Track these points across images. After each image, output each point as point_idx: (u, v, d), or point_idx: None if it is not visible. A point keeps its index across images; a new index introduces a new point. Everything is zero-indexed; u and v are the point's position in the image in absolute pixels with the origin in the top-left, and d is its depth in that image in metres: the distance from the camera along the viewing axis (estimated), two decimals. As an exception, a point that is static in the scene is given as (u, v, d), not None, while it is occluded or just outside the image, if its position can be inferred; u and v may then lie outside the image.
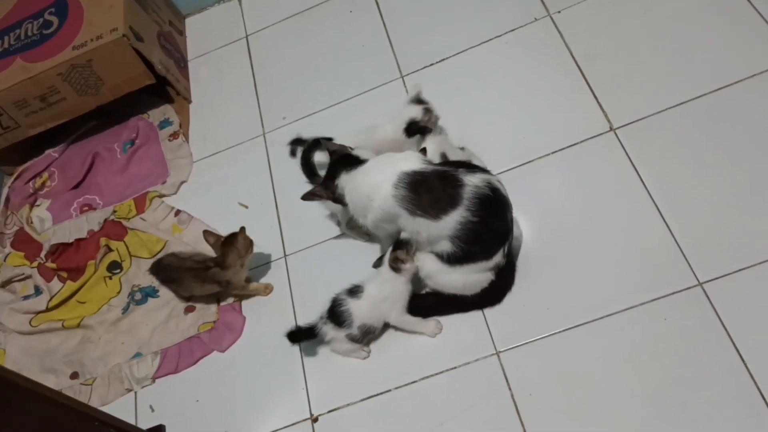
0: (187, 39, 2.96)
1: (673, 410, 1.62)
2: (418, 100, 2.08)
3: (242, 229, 2.02)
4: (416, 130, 2.03)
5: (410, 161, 1.72)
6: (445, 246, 1.71)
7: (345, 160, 1.83)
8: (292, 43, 2.73)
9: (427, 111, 2.04)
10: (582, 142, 2.07)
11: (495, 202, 1.67)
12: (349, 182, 1.79)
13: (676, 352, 1.68)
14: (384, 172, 1.72)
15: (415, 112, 2.03)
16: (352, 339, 1.83)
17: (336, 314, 1.81)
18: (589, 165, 2.03)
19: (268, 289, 2.13)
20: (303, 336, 1.91)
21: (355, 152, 1.86)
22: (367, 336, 1.86)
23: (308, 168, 2.20)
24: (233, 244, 2.00)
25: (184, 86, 2.73)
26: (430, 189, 1.67)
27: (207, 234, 2.05)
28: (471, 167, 1.72)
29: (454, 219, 1.65)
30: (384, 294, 1.80)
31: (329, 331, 1.83)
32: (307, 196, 1.88)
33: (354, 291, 1.82)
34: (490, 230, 1.70)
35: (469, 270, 1.77)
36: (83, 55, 2.40)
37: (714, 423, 1.58)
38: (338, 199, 1.84)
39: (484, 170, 1.74)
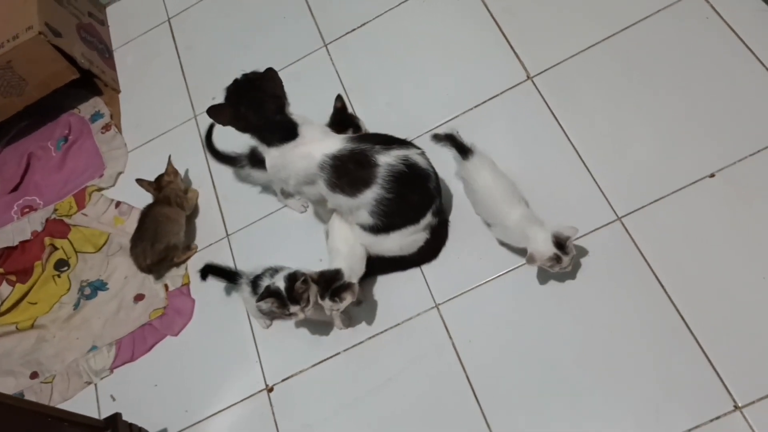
0: (109, 28, 2.92)
1: (602, 342, 1.71)
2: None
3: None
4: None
5: (330, 142, 1.78)
6: (367, 219, 1.79)
7: (286, 128, 1.78)
8: (215, 21, 2.73)
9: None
10: (502, 94, 2.13)
11: (411, 176, 1.75)
12: (272, 152, 1.80)
13: (601, 287, 1.77)
14: (314, 151, 1.76)
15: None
16: (260, 310, 1.89)
17: (255, 284, 1.87)
18: (510, 115, 2.09)
19: (194, 193, 2.33)
20: (218, 274, 2.01)
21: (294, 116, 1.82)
22: (272, 314, 1.89)
23: (213, 149, 2.29)
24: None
25: (111, 77, 2.71)
26: (347, 172, 1.75)
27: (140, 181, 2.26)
28: (389, 143, 1.77)
29: (369, 196, 1.74)
30: None
31: (245, 290, 1.91)
32: (211, 111, 1.79)
33: (274, 271, 1.86)
34: (407, 203, 1.79)
35: (401, 234, 1.84)
36: (2, 57, 2.38)
37: (640, 350, 1.68)
38: (238, 128, 1.81)
39: (403, 144, 1.80)
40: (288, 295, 1.72)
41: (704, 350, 1.61)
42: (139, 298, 2.21)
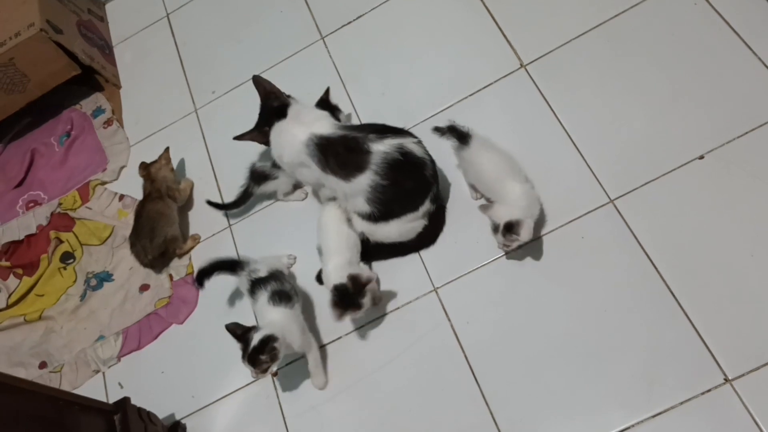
0: (109, 25, 2.96)
1: (596, 320, 1.76)
2: None
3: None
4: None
5: (321, 124, 1.85)
6: (364, 206, 1.84)
7: (278, 109, 1.93)
8: (213, 16, 2.77)
9: None
10: (496, 82, 2.18)
11: (406, 164, 1.80)
12: (272, 133, 1.93)
13: (594, 268, 1.82)
14: (299, 128, 1.86)
15: None
16: None
17: (254, 285, 1.89)
18: (505, 103, 2.14)
19: (188, 183, 2.38)
20: (214, 270, 2.00)
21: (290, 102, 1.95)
22: None
23: (229, 205, 2.28)
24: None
25: (111, 72, 2.75)
26: (335, 154, 1.80)
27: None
28: (383, 131, 1.82)
29: (364, 182, 1.79)
30: None
31: (245, 284, 1.92)
32: (241, 137, 2.00)
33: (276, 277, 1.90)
34: (404, 190, 1.83)
35: (401, 222, 1.89)
36: (4, 54, 2.42)
37: (633, 327, 1.73)
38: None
39: (398, 133, 1.84)
40: (250, 356, 1.72)
41: (695, 326, 1.66)
42: (144, 288, 2.26)
